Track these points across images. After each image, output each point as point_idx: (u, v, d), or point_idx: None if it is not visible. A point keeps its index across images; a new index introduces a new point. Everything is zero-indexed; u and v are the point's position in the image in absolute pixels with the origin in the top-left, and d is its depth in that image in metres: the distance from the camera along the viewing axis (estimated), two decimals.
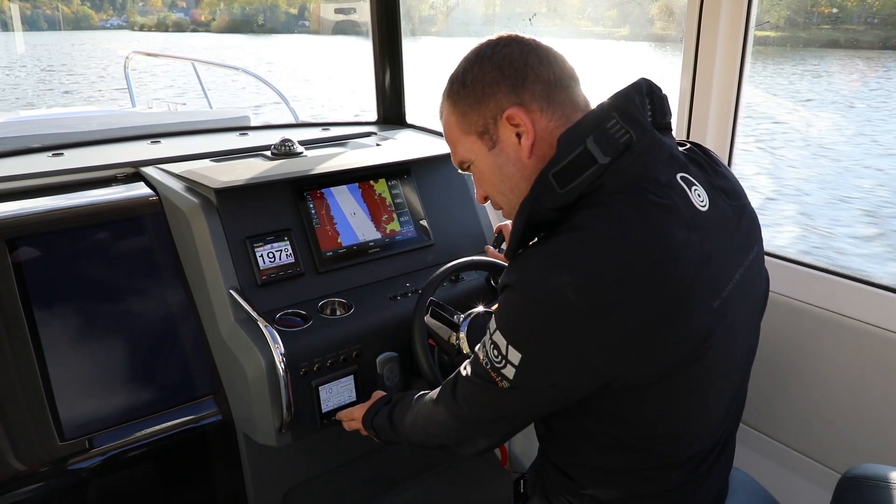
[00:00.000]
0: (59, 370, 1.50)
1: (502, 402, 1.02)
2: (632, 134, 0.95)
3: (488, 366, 1.01)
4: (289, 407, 1.45)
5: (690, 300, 0.93)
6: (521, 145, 1.03)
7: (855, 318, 1.43)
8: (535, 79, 1.01)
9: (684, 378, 0.97)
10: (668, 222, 0.93)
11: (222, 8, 64.57)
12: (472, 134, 1.07)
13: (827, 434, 1.52)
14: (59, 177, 1.80)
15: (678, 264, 0.92)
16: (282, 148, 2.00)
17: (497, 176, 1.08)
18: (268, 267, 1.61)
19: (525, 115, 1.01)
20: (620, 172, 0.95)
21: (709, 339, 0.95)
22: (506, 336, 0.96)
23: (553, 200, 0.96)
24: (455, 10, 14.90)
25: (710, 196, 1.02)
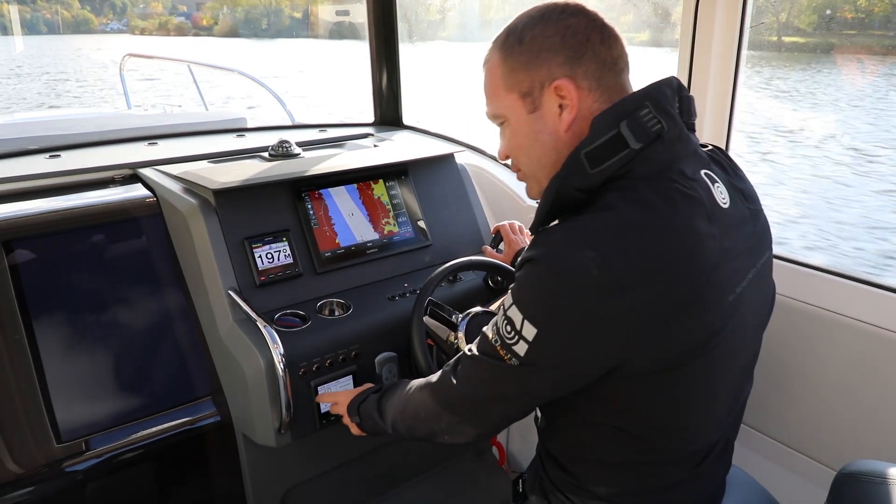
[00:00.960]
0: (56, 372, 1.49)
1: (506, 379, 1.01)
2: (663, 124, 0.97)
3: (498, 343, 0.99)
4: (288, 407, 1.46)
5: (708, 291, 0.94)
6: (560, 118, 1.02)
7: (848, 316, 1.44)
8: (592, 56, 1.00)
9: (691, 370, 0.97)
10: (692, 213, 0.95)
11: (225, 12, 64.05)
12: (514, 92, 1.05)
13: (822, 431, 1.53)
14: (56, 178, 1.79)
15: (699, 255, 0.93)
16: (279, 149, 2.00)
17: (529, 141, 1.06)
18: (266, 267, 1.61)
19: (574, 89, 1.00)
20: (650, 160, 0.96)
21: (719, 333, 0.97)
22: (523, 310, 0.95)
23: (582, 180, 0.97)
24: (450, 11, 14.95)
25: (731, 195, 1.04)
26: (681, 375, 0.97)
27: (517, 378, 0.99)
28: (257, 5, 60.34)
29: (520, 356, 0.96)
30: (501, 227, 1.81)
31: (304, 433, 1.52)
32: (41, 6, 55.54)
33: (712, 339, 0.96)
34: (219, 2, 62.99)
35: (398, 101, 2.66)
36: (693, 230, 0.94)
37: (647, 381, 0.97)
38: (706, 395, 1.03)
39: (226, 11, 63.36)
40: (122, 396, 1.58)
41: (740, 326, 1.02)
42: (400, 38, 2.58)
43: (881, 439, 1.43)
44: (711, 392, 1.03)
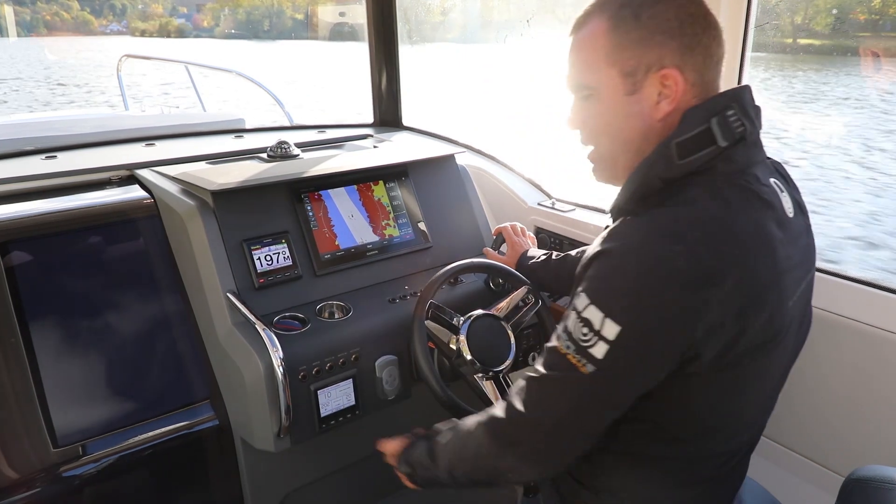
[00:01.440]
0: (52, 376, 1.48)
1: (581, 391, 0.95)
2: (746, 126, 0.97)
3: (570, 349, 0.94)
4: (287, 411, 1.44)
5: (777, 293, 0.95)
6: (658, 106, 0.99)
7: (855, 320, 1.42)
8: (703, 51, 0.98)
9: (742, 373, 0.97)
10: (767, 217, 0.96)
11: (226, 13, 63.71)
12: (615, 67, 1.00)
13: (830, 437, 1.51)
14: (53, 179, 1.78)
15: (773, 257, 0.95)
16: (278, 150, 1.98)
17: (618, 122, 1.02)
18: (265, 270, 1.59)
19: (682, 80, 0.97)
20: (732, 160, 0.97)
21: (775, 338, 0.97)
22: (604, 307, 0.90)
23: (667, 169, 0.96)
24: (452, 11, 14.92)
25: (793, 206, 1.05)
26: (731, 377, 0.96)
27: (593, 387, 0.94)
28: (259, 6, 59.96)
29: (597, 359, 0.91)
30: (503, 228, 1.80)
31: (303, 437, 1.51)
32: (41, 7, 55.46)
33: (768, 344, 0.96)
34: (220, 3, 62.63)
35: (398, 101, 2.64)
36: (768, 233, 0.95)
37: (700, 380, 0.95)
38: (747, 400, 1.02)
39: (227, 13, 62.92)
40: (120, 400, 1.56)
41: (786, 337, 1.02)
42: (401, 40, 2.57)
43: (889, 445, 1.42)
44: (752, 397, 1.03)
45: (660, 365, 0.93)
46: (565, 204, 2.06)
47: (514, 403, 1.02)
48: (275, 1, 60.72)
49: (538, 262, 1.66)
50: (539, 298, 1.66)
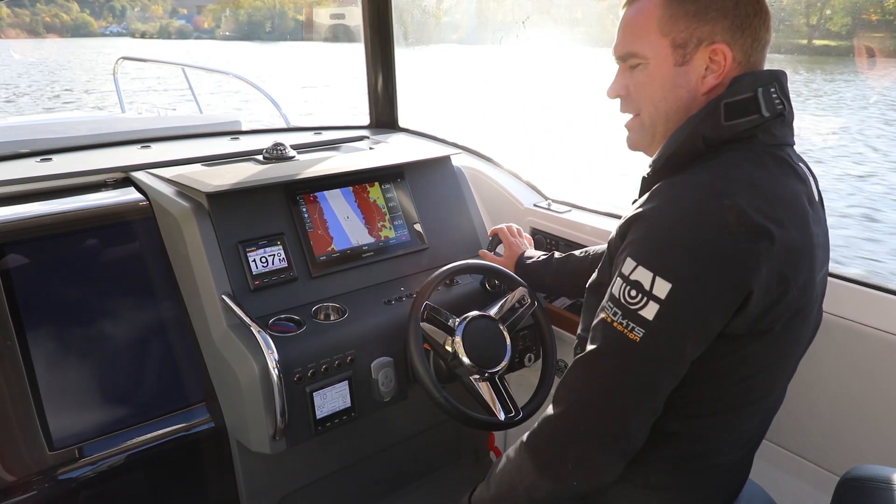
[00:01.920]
0: (48, 378, 1.47)
1: (634, 359, 0.93)
2: (785, 105, 1.01)
3: (618, 317, 0.94)
4: (283, 413, 1.43)
5: (810, 264, 0.99)
6: (704, 80, 1.03)
7: (851, 320, 1.42)
8: (752, 32, 1.01)
9: (773, 344, 0.99)
10: (801, 191, 1.00)
11: (227, 15, 63.28)
12: (667, 38, 1.03)
13: (825, 436, 1.51)
14: (48, 182, 1.77)
15: (808, 228, 0.98)
16: (274, 152, 1.98)
17: (665, 91, 1.05)
18: (260, 272, 1.59)
19: (731, 56, 1.01)
20: (770, 133, 1.00)
21: (806, 309, 1.00)
22: (653, 266, 0.91)
23: (713, 129, 0.99)
24: (453, 12, 14.91)
25: (818, 195, 1.09)
26: (756, 347, 0.98)
27: (645, 352, 0.92)
28: (260, 8, 59.47)
29: (648, 321, 0.91)
30: (499, 230, 1.80)
31: (299, 440, 1.50)
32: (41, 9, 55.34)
33: (800, 312, 0.99)
34: (220, 5, 62.26)
35: (394, 103, 2.64)
36: (803, 205, 0.99)
37: (727, 345, 0.96)
38: (762, 379, 1.04)
39: (228, 14, 62.44)
40: (115, 403, 1.56)
41: (811, 318, 1.04)
42: (397, 42, 2.56)
43: (884, 444, 1.42)
44: (767, 377, 1.04)
45: (712, 321, 0.93)
46: (561, 205, 2.06)
47: (562, 391, 1.00)
48: (276, 2, 60.30)
49: (538, 262, 1.66)
50: (535, 300, 1.66)
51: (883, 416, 1.41)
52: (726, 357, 0.97)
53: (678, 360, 0.94)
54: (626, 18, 1.08)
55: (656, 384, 0.95)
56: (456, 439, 2.11)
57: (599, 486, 1.00)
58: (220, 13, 63.65)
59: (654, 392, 0.95)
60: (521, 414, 1.53)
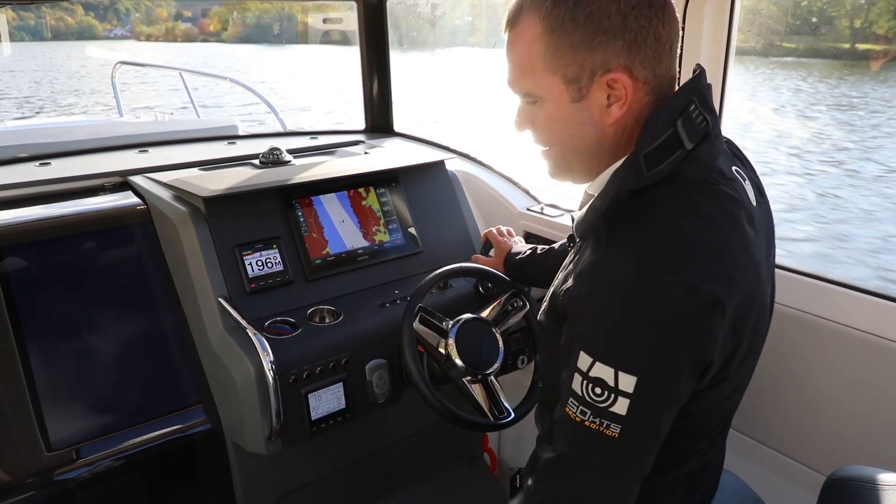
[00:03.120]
0: (46, 380, 1.49)
1: (616, 454, 0.87)
2: (709, 121, 0.92)
3: (587, 416, 0.86)
4: (278, 415, 1.45)
5: (760, 299, 0.94)
6: (608, 111, 0.92)
7: (838, 322, 1.44)
8: (653, 41, 0.89)
9: (733, 378, 0.96)
10: (740, 217, 0.91)
11: (235, 17, 62.32)
12: (557, 75, 0.92)
13: (812, 436, 1.54)
14: (46, 186, 1.79)
15: (755, 266, 0.92)
16: (270, 156, 2.00)
17: (569, 130, 0.96)
18: (256, 275, 1.61)
19: (630, 83, 0.90)
20: (698, 160, 0.91)
21: (757, 338, 0.98)
22: (611, 361, 0.84)
23: (636, 181, 0.89)
24: (442, 18, 14.87)
25: (754, 192, 1.01)
26: (725, 384, 0.95)
27: (629, 443, 0.86)
28: (269, 10, 58.52)
29: (622, 416, 0.84)
30: (489, 232, 1.82)
31: (294, 441, 1.52)
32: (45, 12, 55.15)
33: (756, 344, 0.98)
34: (226, 7, 61.62)
35: (389, 108, 2.66)
36: (745, 237, 0.91)
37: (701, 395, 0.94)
38: (733, 398, 1.04)
39: (235, 17, 61.43)
40: (113, 404, 1.57)
41: (763, 330, 1.02)
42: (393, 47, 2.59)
43: (870, 445, 1.44)
44: (736, 396, 1.05)
45: (682, 394, 0.89)
46: (554, 209, 2.09)
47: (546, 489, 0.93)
48: (285, 5, 59.43)
49: (524, 258, 1.67)
50: (526, 302, 1.68)
51: (870, 417, 1.44)
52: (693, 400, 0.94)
53: (659, 437, 0.90)
54: (508, 47, 0.97)
55: (645, 463, 0.91)
56: (450, 441, 2.13)
57: None
58: (227, 16, 62.76)
59: (643, 470, 0.91)
60: (514, 415, 1.55)
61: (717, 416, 1.06)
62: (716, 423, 1.07)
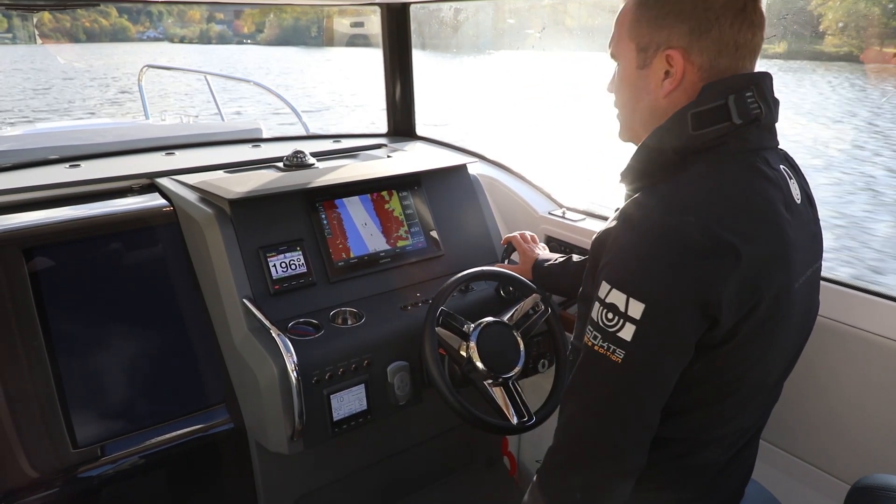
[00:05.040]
0: (72, 378, 1.52)
1: (618, 380, 0.95)
2: (762, 109, 1.00)
3: (598, 340, 0.96)
4: (300, 415, 1.47)
5: (786, 270, 0.99)
6: (662, 84, 1.04)
7: (863, 329, 1.43)
8: (715, 37, 0.99)
9: (748, 347, 0.99)
10: (773, 196, 0.99)
11: (272, 19, 61.84)
12: (633, 42, 1.06)
13: (836, 445, 1.52)
14: (76, 187, 1.83)
15: (782, 235, 0.98)
16: (294, 159, 2.02)
17: (630, 92, 1.09)
18: (280, 276, 1.63)
19: (683, 63, 1.01)
20: (744, 139, 1.00)
21: (781, 314, 1.00)
22: (625, 288, 0.93)
23: (681, 138, 1.00)
24: (465, 24, 14.88)
25: (801, 195, 1.08)
26: (736, 350, 0.98)
27: (628, 373, 0.94)
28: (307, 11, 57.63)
29: (626, 342, 0.92)
30: (513, 238, 1.81)
31: (316, 441, 1.53)
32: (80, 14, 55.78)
33: (773, 317, 0.99)
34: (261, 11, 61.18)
35: (411, 112, 2.68)
36: (776, 210, 0.98)
37: (707, 350, 0.97)
38: (750, 378, 1.04)
39: (272, 18, 60.94)
40: (137, 403, 1.60)
41: (790, 318, 1.04)
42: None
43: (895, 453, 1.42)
44: (754, 376, 1.05)
45: (687, 337, 0.94)
46: (576, 213, 2.08)
47: (557, 426, 1.03)
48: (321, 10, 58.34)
49: (556, 265, 1.66)
50: (548, 306, 1.68)
51: (894, 425, 1.42)
52: (706, 360, 0.98)
53: (660, 376, 0.96)
54: (616, 18, 1.12)
55: (643, 402, 0.97)
56: (470, 443, 2.13)
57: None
58: (262, 17, 61.67)
59: (641, 409, 0.97)
60: (534, 419, 1.55)
61: (733, 402, 1.05)
62: (731, 413, 1.07)
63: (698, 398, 1.03)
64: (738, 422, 1.10)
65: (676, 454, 1.08)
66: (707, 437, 1.08)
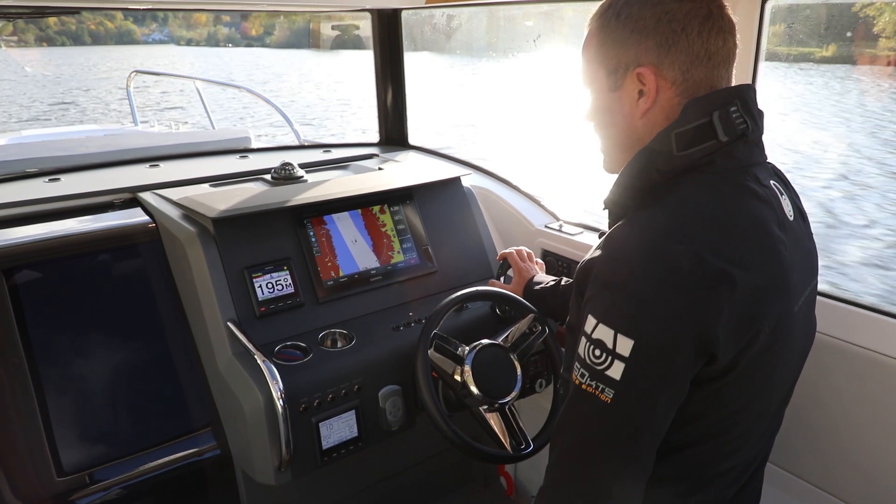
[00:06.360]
0: (56, 402, 1.46)
1: (609, 421, 0.88)
2: (748, 124, 0.97)
3: (585, 378, 0.89)
4: (288, 445, 1.40)
5: (783, 291, 0.94)
6: (637, 104, 1.00)
7: (879, 352, 1.37)
8: (684, 48, 0.96)
9: (747, 378, 0.94)
10: (766, 217, 0.95)
11: (281, 21, 60.53)
12: (602, 67, 1.03)
13: (849, 471, 1.46)
14: (55, 203, 1.76)
15: (778, 257, 0.93)
16: (282, 172, 1.96)
17: (606, 117, 1.06)
18: (266, 298, 1.57)
19: (655, 79, 0.98)
20: (731, 156, 0.96)
21: (781, 342, 0.95)
22: (612, 323, 0.87)
23: (666, 161, 0.96)
24: (458, 30, 14.74)
25: (793, 210, 1.04)
26: (737, 382, 0.93)
27: (620, 412, 0.87)
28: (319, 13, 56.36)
29: (616, 381, 0.86)
30: (509, 254, 1.75)
31: (305, 471, 1.47)
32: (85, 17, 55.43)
33: (774, 346, 0.93)
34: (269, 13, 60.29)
35: (404, 120, 2.62)
36: (769, 231, 0.94)
37: (707, 385, 0.92)
38: (752, 409, 0.99)
39: (282, 20, 59.89)
40: (123, 428, 1.54)
41: (791, 344, 1.00)
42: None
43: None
44: (757, 406, 1.00)
45: (681, 374, 0.88)
46: (573, 226, 2.02)
47: (548, 468, 0.96)
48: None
49: (547, 288, 1.62)
50: (545, 326, 1.62)
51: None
52: (706, 395, 0.93)
53: (652, 416, 0.89)
54: (582, 46, 1.09)
55: (635, 443, 0.89)
56: (465, 464, 2.07)
57: None
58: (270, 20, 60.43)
59: (633, 451, 0.89)
60: (532, 446, 1.49)
61: (734, 435, 1.00)
62: (733, 447, 1.02)
63: (698, 433, 0.98)
64: (742, 454, 1.04)
65: (679, 493, 1.03)
66: (710, 474, 1.03)
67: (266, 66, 36.69)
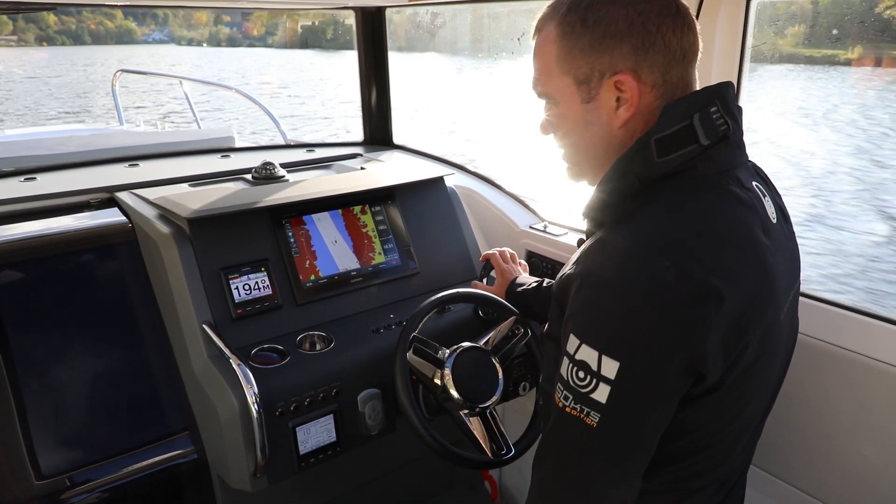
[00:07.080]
0: (34, 405, 1.43)
1: (595, 445, 0.85)
2: (729, 125, 0.92)
3: (569, 401, 0.85)
4: (263, 450, 1.37)
5: (772, 301, 0.90)
6: (616, 113, 0.94)
7: (866, 356, 1.35)
8: (661, 48, 0.91)
9: (736, 390, 0.90)
10: (751, 223, 0.91)
11: (284, 21, 59.49)
12: (569, 76, 0.95)
13: (836, 475, 1.45)
14: (30, 203, 1.72)
15: (764, 266, 0.89)
16: (262, 171, 1.93)
17: (579, 130, 0.98)
18: (243, 299, 1.54)
19: (636, 85, 0.92)
20: (713, 160, 0.91)
21: (770, 350, 0.92)
22: (596, 344, 0.82)
23: (645, 168, 0.90)
24: (443, 28, 14.66)
25: (775, 212, 1.00)
26: (726, 396, 0.90)
27: (607, 436, 0.84)
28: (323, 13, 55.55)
29: (601, 404, 0.82)
30: (491, 255, 1.73)
31: (281, 476, 1.44)
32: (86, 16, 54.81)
33: (762, 356, 0.90)
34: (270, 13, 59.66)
35: (388, 120, 2.59)
36: (755, 237, 0.90)
37: (695, 403, 0.89)
38: (739, 420, 0.96)
39: (284, 20, 58.77)
40: (101, 432, 1.51)
41: (777, 350, 0.97)
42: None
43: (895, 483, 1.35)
44: (744, 416, 0.97)
45: (669, 394, 0.85)
46: (558, 227, 2.00)
47: (532, 485, 0.93)
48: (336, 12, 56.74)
49: (528, 290, 1.58)
50: (528, 329, 1.59)
51: (888, 448, 1.35)
52: (695, 409, 0.90)
53: (641, 438, 0.86)
54: (533, 54, 1.01)
55: (622, 467, 0.87)
56: (449, 469, 2.05)
57: None
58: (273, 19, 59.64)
59: (620, 475, 0.87)
60: (513, 451, 1.47)
61: (722, 447, 0.98)
62: (720, 459, 0.99)
63: (684, 448, 0.95)
64: (727, 465, 1.02)
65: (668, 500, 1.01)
66: (695, 486, 1.00)
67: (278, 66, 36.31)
